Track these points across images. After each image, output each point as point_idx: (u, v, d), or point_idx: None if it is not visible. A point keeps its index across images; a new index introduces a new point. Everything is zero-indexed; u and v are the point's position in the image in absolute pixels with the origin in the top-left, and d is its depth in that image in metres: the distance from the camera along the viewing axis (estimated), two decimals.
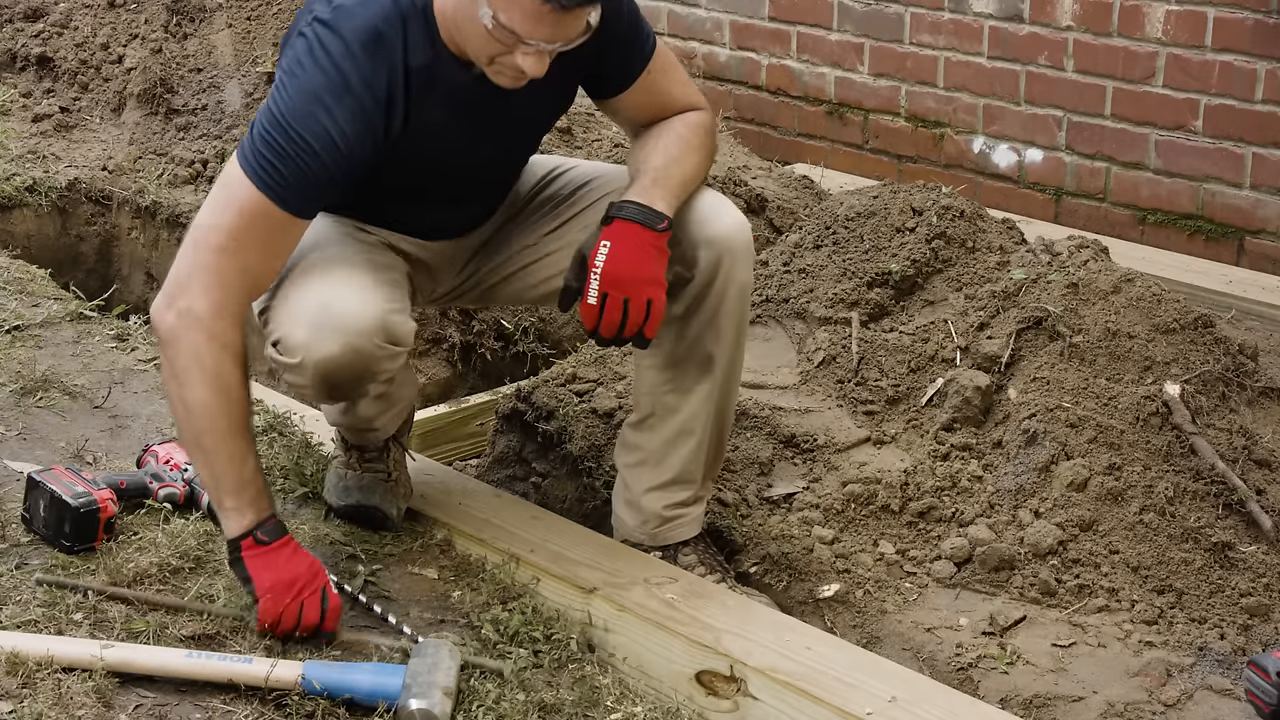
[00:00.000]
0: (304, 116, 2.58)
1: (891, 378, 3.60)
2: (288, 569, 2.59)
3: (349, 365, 2.69)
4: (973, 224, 3.88)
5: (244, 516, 2.60)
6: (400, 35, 2.63)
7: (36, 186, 4.65)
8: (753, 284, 3.11)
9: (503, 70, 2.63)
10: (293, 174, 2.58)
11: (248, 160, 2.60)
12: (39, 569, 2.72)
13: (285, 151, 2.58)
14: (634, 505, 3.08)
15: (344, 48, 2.59)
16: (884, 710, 2.51)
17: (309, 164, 2.58)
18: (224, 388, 2.57)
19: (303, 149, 2.57)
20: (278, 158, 2.58)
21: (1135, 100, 5.02)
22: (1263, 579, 3.11)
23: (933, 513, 3.32)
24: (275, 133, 2.58)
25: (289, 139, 2.57)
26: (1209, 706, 2.84)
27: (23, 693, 2.38)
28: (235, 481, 2.60)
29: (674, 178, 2.82)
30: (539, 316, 4.32)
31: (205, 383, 2.57)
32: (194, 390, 2.57)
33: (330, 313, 2.66)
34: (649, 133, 2.91)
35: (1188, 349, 3.44)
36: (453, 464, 3.73)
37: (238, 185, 2.61)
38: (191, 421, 2.60)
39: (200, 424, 2.59)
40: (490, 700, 2.53)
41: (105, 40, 5.11)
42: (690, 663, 2.68)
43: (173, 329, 2.58)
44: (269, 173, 2.58)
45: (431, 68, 2.67)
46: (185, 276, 2.60)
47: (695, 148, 2.88)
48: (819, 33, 5.76)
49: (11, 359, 3.46)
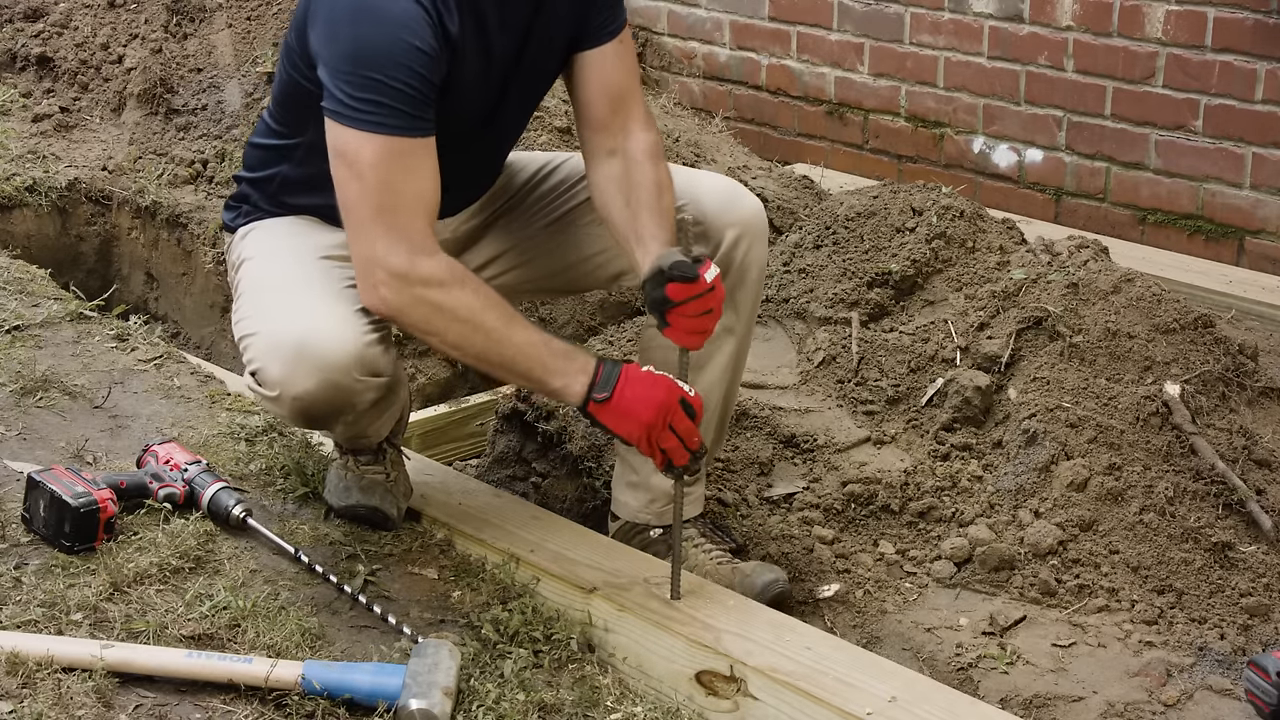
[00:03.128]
0: (379, 41, 2.56)
1: (891, 378, 3.60)
2: (648, 400, 2.60)
3: (327, 400, 2.70)
4: (973, 224, 3.88)
5: (582, 376, 2.63)
6: None
7: (36, 186, 4.65)
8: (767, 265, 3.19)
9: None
10: (398, 100, 2.57)
11: (350, 115, 2.58)
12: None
13: (379, 83, 2.56)
14: (639, 486, 3.11)
15: None
16: (884, 710, 2.51)
17: (407, 83, 2.57)
18: (481, 300, 2.61)
19: (394, 71, 2.56)
20: (375, 93, 2.56)
21: (1135, 100, 5.02)
22: (1263, 579, 3.11)
23: (933, 513, 3.32)
24: (360, 71, 2.56)
25: (378, 68, 2.55)
26: (1209, 706, 2.84)
27: (23, 693, 2.38)
28: (548, 353, 2.63)
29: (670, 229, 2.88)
30: (539, 316, 4.32)
31: (459, 304, 2.60)
32: (459, 317, 2.60)
33: (306, 349, 2.65)
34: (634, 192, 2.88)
35: (1188, 349, 3.44)
36: (453, 464, 3.73)
37: (356, 143, 2.59)
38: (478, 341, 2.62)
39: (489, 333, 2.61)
40: (490, 700, 2.53)
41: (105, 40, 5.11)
42: (690, 663, 2.68)
43: (397, 303, 2.61)
44: (375, 112, 2.56)
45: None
46: (369, 253, 2.61)
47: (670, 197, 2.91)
48: (819, 33, 5.76)
49: (11, 359, 3.46)
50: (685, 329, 2.72)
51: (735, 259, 2.98)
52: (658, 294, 2.70)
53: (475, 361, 2.72)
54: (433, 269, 2.61)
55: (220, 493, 2.91)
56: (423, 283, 2.60)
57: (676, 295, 2.68)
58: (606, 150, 2.91)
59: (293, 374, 2.65)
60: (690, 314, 2.70)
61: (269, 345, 2.68)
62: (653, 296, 2.71)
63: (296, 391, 2.66)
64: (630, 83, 2.95)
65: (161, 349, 3.62)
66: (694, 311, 2.70)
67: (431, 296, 2.61)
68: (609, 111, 2.91)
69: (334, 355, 2.66)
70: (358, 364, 2.68)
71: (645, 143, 2.91)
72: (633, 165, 2.89)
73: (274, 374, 2.67)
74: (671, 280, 2.68)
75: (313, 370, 2.65)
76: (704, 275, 2.68)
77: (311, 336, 2.66)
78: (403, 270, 2.59)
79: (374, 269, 2.60)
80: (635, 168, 2.88)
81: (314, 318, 2.69)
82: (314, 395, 2.67)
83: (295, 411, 2.71)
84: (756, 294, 3.06)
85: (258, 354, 2.70)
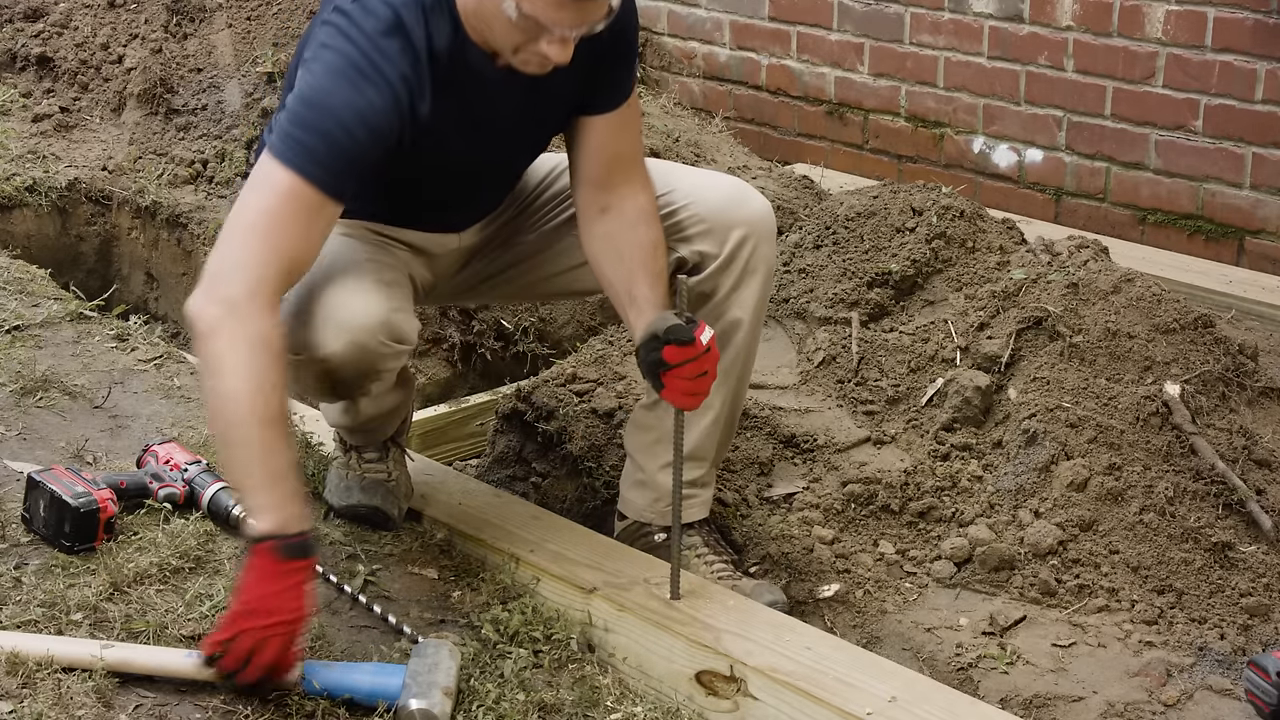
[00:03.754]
0: (333, 93, 2.57)
1: (891, 378, 3.60)
2: (276, 598, 2.41)
3: (353, 362, 2.70)
4: (973, 224, 3.88)
5: (269, 517, 2.44)
6: (421, 23, 2.64)
7: (36, 186, 4.65)
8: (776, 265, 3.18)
9: (529, 59, 2.64)
10: (324, 150, 2.56)
11: (277, 145, 2.58)
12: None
13: (316, 128, 2.56)
14: (647, 484, 3.11)
15: (368, 30, 2.60)
16: (884, 710, 2.51)
17: (340, 140, 2.57)
18: (258, 373, 2.46)
19: (333, 125, 2.56)
20: (308, 134, 2.56)
21: (1135, 100, 5.02)
22: (1263, 579, 3.11)
23: (933, 513, 3.32)
24: (305, 110, 2.57)
25: (319, 115, 2.56)
26: (1209, 706, 2.84)
27: (23, 693, 2.38)
28: (265, 477, 2.46)
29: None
30: (539, 316, 4.32)
31: (240, 370, 2.46)
32: (226, 379, 2.47)
33: (334, 311, 2.67)
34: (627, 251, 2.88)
35: (1188, 349, 3.44)
36: (453, 464, 3.73)
37: (269, 169, 2.58)
38: (223, 412, 2.48)
39: (234, 413, 2.46)
40: (490, 700, 2.53)
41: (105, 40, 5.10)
42: (690, 663, 2.68)
43: (211, 321, 2.50)
44: (300, 153, 2.56)
45: (454, 56, 2.68)
46: (219, 266, 2.55)
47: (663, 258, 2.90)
48: (819, 33, 5.76)
49: (11, 359, 3.46)
50: (681, 391, 2.73)
51: (736, 259, 2.97)
52: (653, 357, 2.70)
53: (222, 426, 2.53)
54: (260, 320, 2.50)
55: (220, 493, 2.91)
56: (243, 321, 2.49)
57: (673, 358, 2.69)
58: (599, 207, 2.90)
59: (320, 335, 2.66)
60: (686, 376, 2.71)
61: (296, 310, 2.69)
62: (648, 360, 2.72)
63: (324, 353, 2.66)
64: (630, 148, 2.93)
65: (161, 349, 3.62)
66: (690, 374, 2.70)
67: (221, 341, 2.48)
68: (605, 172, 2.90)
69: (361, 317, 2.67)
70: (384, 327, 2.70)
71: (639, 204, 2.90)
72: (625, 225, 2.88)
73: (301, 337, 2.67)
74: (667, 343, 2.69)
75: (340, 331, 2.66)
76: (699, 338, 2.69)
77: (339, 299, 2.68)
78: (235, 300, 2.49)
79: (218, 282, 2.52)
80: (628, 228, 2.88)
81: (340, 284, 2.70)
82: (341, 357, 2.67)
83: (320, 375, 2.70)
84: (764, 296, 3.05)
85: (283, 320, 2.68)
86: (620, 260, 2.87)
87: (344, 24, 2.62)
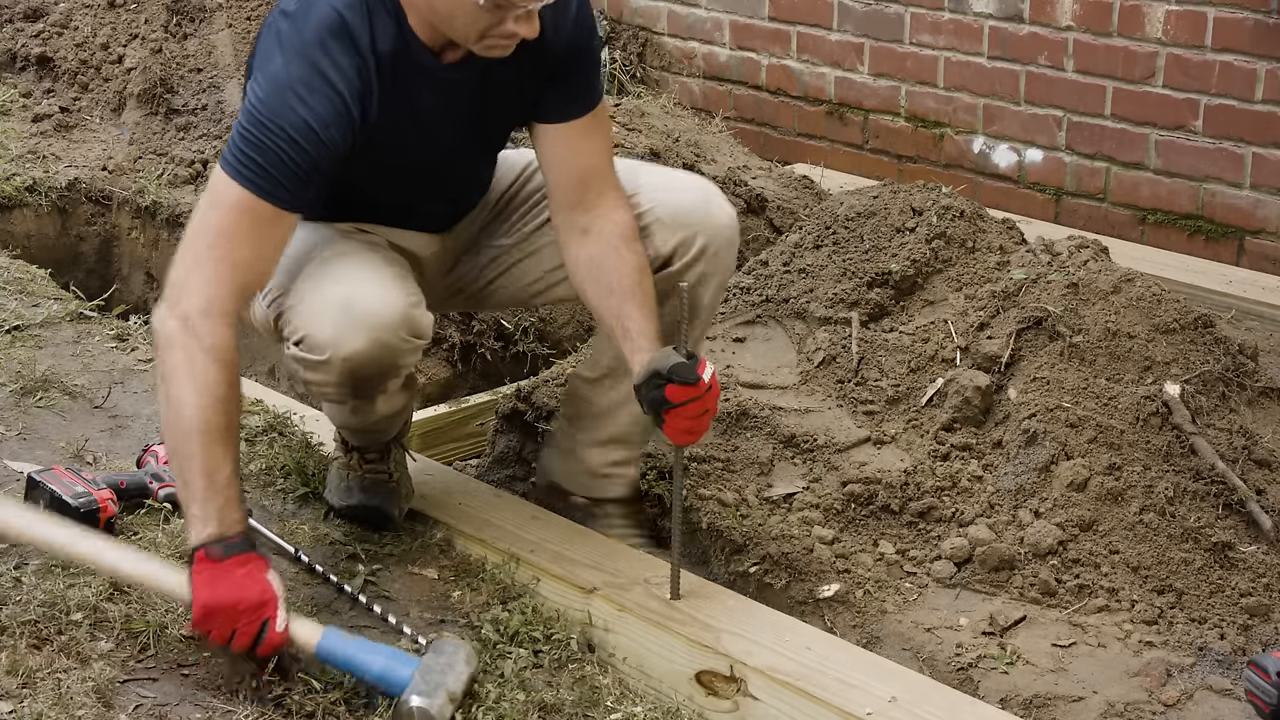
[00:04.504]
0: (279, 107, 2.58)
1: (891, 378, 3.60)
2: (231, 591, 2.44)
3: (375, 360, 2.71)
4: (973, 224, 3.88)
5: (205, 527, 2.48)
6: (365, 24, 2.65)
7: (36, 186, 4.65)
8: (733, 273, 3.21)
9: (495, 43, 2.66)
10: (274, 166, 2.58)
11: (229, 161, 2.61)
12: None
13: (264, 144, 2.58)
14: (570, 454, 3.18)
15: (310, 37, 2.61)
16: (884, 710, 2.51)
17: (288, 154, 2.58)
18: (207, 388, 2.51)
19: (281, 140, 2.58)
20: (257, 152, 2.58)
21: (1135, 100, 5.02)
22: (1263, 579, 3.11)
23: (933, 513, 3.32)
24: (252, 128, 2.59)
25: (266, 132, 2.58)
26: (1209, 706, 2.84)
27: (23, 693, 2.38)
28: (204, 489, 2.49)
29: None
30: (539, 316, 4.32)
31: (190, 383, 2.51)
32: (178, 389, 2.52)
33: (355, 308, 2.68)
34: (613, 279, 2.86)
35: (1188, 349, 3.44)
36: (453, 464, 3.73)
37: (223, 186, 2.61)
38: (173, 423, 2.53)
39: (181, 425, 2.52)
40: (490, 700, 2.53)
41: (105, 40, 5.11)
42: (690, 663, 2.68)
43: (168, 334, 2.56)
44: (250, 168, 2.58)
45: (400, 55, 2.68)
46: (179, 280, 2.60)
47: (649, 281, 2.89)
48: (819, 33, 5.76)
49: (11, 359, 3.46)
50: (682, 429, 2.73)
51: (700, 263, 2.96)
52: (655, 395, 2.70)
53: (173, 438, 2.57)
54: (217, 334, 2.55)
55: None
56: (200, 336, 2.54)
57: (676, 398, 2.68)
58: (579, 229, 2.89)
59: (342, 334, 2.67)
60: (688, 415, 2.70)
61: (316, 310, 2.70)
62: (650, 397, 2.72)
63: (347, 351, 2.68)
64: (600, 162, 2.91)
65: None
66: (693, 413, 2.70)
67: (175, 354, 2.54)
68: (578, 190, 2.89)
69: (382, 314, 2.69)
70: (404, 323, 2.71)
71: (619, 224, 2.88)
72: (608, 250, 2.86)
73: (323, 336, 2.68)
74: (670, 383, 2.68)
75: (362, 329, 2.67)
76: (701, 376, 2.69)
77: (359, 297, 2.69)
78: (193, 315, 2.55)
79: (179, 295, 2.58)
80: (611, 254, 2.86)
81: (358, 282, 2.72)
82: (363, 355, 2.68)
83: (344, 374, 2.71)
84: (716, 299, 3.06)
85: (303, 321, 2.71)
86: (610, 293, 2.85)
87: (287, 30, 2.63)
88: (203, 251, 2.59)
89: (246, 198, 2.59)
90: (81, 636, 2.54)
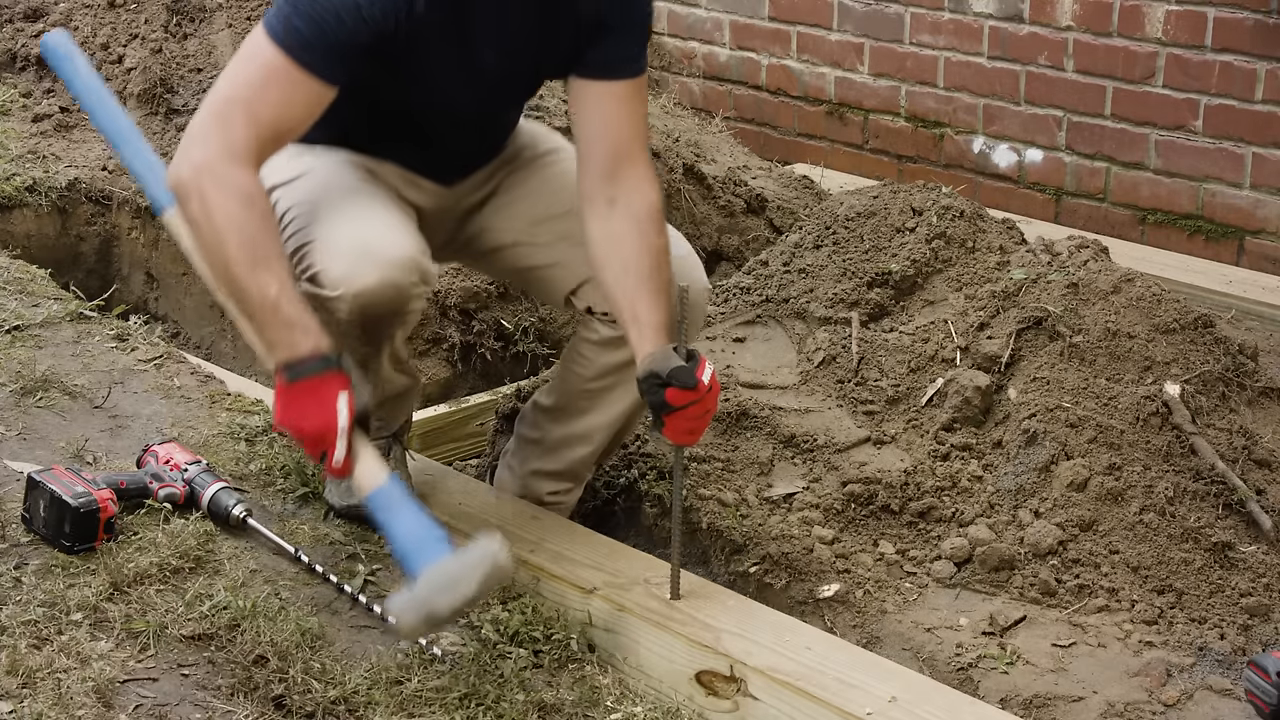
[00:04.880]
0: None
1: (891, 378, 3.60)
2: (295, 418, 2.58)
3: (386, 300, 2.74)
4: (973, 224, 3.88)
5: (274, 352, 2.59)
6: None
7: (36, 186, 4.65)
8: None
9: None
10: (314, 33, 2.61)
11: (272, 22, 2.64)
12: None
13: (308, 11, 2.61)
14: (517, 475, 3.26)
15: None
16: (884, 710, 2.51)
17: (331, 24, 2.61)
18: (237, 225, 2.55)
19: (326, 9, 2.61)
20: (300, 17, 2.61)
21: (1135, 100, 5.02)
22: (1263, 579, 3.11)
23: (933, 513, 3.32)
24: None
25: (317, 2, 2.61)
26: (1209, 706, 2.84)
27: (23, 693, 2.38)
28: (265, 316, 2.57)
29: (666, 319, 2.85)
30: (539, 316, 4.32)
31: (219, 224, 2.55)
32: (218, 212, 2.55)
33: (369, 247, 2.72)
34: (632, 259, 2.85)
35: (1188, 349, 3.44)
36: (453, 464, 3.73)
37: (260, 45, 2.65)
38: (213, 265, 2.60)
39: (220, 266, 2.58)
40: (490, 700, 2.53)
41: (105, 40, 5.10)
42: (690, 663, 2.68)
43: (186, 181, 2.60)
44: (290, 31, 2.62)
45: None
46: (195, 130, 2.63)
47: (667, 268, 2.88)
48: (819, 33, 5.76)
49: (11, 359, 3.46)
50: (682, 429, 2.73)
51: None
52: (656, 397, 2.70)
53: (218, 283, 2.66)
54: (234, 174, 2.59)
55: (220, 493, 2.92)
56: (217, 178, 2.58)
57: (676, 400, 2.69)
58: (606, 199, 2.86)
59: (355, 270, 2.70)
60: (689, 417, 2.71)
61: (330, 247, 2.74)
62: (650, 399, 2.72)
63: (359, 288, 2.70)
64: (636, 134, 2.89)
65: (161, 349, 3.62)
66: (693, 415, 2.71)
67: (212, 193, 2.58)
68: (611, 159, 2.86)
69: (395, 253, 2.73)
70: (414, 266, 2.75)
71: (648, 202, 2.86)
72: (632, 227, 2.84)
73: (336, 272, 2.71)
74: (670, 385, 2.69)
75: (375, 266, 2.70)
76: (701, 379, 2.69)
77: (373, 236, 2.74)
78: (209, 160, 2.59)
79: (195, 143, 2.62)
80: (634, 231, 2.84)
81: (372, 222, 2.77)
82: (374, 293, 2.71)
83: (355, 310, 2.74)
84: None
85: (318, 257, 2.74)
86: (625, 273, 2.83)
87: None
88: (223, 103, 2.64)
89: (280, 58, 2.62)
90: (81, 636, 2.54)
